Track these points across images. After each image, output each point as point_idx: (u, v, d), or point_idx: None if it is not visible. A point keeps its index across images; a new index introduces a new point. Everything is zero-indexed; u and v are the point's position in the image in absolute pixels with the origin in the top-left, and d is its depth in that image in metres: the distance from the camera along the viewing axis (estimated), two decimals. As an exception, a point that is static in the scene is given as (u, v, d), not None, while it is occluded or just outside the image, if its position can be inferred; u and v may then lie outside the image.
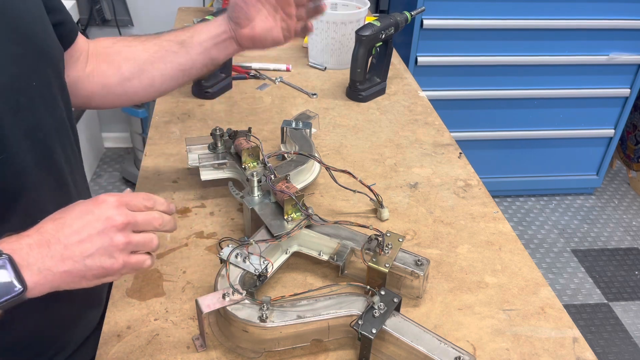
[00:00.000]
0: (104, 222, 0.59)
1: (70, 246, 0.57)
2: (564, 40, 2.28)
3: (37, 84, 0.68)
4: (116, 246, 0.59)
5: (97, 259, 0.58)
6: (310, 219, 0.83)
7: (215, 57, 0.89)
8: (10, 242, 0.56)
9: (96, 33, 2.53)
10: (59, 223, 0.58)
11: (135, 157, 2.59)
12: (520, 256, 0.92)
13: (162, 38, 0.90)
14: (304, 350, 0.74)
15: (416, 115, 1.33)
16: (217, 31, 0.88)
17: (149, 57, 0.89)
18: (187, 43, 0.89)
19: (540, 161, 2.62)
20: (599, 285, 2.27)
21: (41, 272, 0.55)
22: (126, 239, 0.60)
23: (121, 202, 0.61)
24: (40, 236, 0.57)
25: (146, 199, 0.64)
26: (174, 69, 0.89)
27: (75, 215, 0.59)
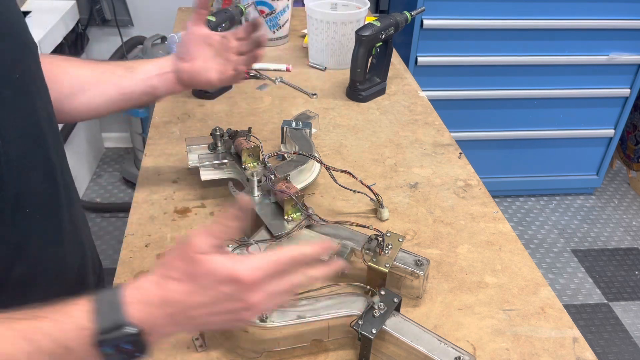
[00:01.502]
0: (234, 303, 0.55)
1: (195, 317, 0.56)
2: (564, 40, 2.28)
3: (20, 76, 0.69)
4: (241, 319, 0.58)
5: (220, 325, 0.58)
6: (310, 219, 0.83)
7: (155, 85, 0.91)
8: (137, 303, 0.54)
9: (96, 33, 2.54)
10: (187, 297, 0.55)
11: (135, 157, 2.59)
12: (520, 256, 0.92)
13: (111, 63, 0.94)
14: (304, 350, 0.74)
15: (416, 115, 1.33)
16: (162, 64, 0.92)
17: (93, 77, 0.90)
18: (133, 69, 0.92)
19: (540, 161, 2.62)
20: (599, 285, 2.27)
21: (160, 336, 0.55)
22: (255, 311, 0.57)
23: (259, 279, 0.55)
24: (166, 306, 0.54)
25: (292, 264, 0.57)
26: (115, 91, 0.91)
27: (203, 288, 0.55)
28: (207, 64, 0.92)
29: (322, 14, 1.47)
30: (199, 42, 0.91)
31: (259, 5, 1.59)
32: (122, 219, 2.44)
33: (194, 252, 0.56)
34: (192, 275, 0.55)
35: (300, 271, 0.58)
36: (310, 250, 0.58)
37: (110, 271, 0.88)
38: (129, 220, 0.96)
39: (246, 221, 0.61)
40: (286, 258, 0.57)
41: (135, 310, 0.53)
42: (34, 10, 2.13)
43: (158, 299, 0.54)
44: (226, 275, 0.55)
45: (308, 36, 1.57)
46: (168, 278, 0.56)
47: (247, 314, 0.57)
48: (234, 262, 0.55)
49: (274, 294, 0.57)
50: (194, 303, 0.55)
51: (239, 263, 0.55)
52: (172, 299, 0.55)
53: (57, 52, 2.14)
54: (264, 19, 1.61)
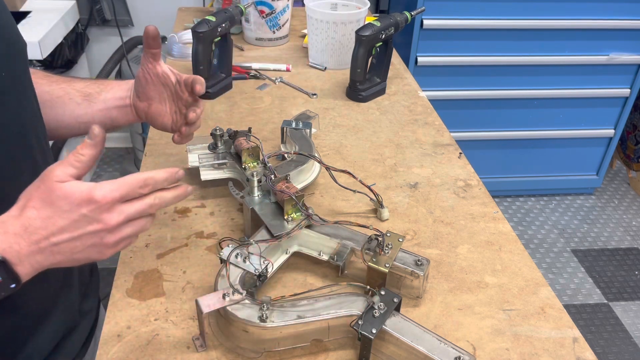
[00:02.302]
0: (95, 224, 0.59)
1: (59, 244, 0.59)
2: (564, 40, 2.28)
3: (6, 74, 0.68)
4: (106, 245, 0.61)
5: (86, 254, 0.61)
6: (310, 219, 0.83)
7: (115, 118, 0.88)
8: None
9: (96, 33, 2.54)
10: (47, 221, 0.58)
11: (135, 157, 2.59)
12: (520, 256, 0.92)
13: (71, 84, 0.88)
14: (304, 350, 0.74)
15: (416, 115, 1.33)
16: (122, 94, 0.88)
17: (50, 100, 0.86)
18: (92, 97, 0.87)
19: (540, 161, 2.62)
20: (599, 285, 2.27)
21: (32, 266, 0.58)
22: (116, 236, 0.61)
23: (115, 200, 0.60)
24: (28, 234, 0.57)
25: (142, 186, 0.62)
26: (71, 118, 0.87)
27: (64, 212, 0.58)
28: (162, 106, 0.88)
29: (322, 14, 1.47)
30: (155, 82, 0.86)
31: (259, 5, 1.59)
32: (122, 219, 2.43)
33: (51, 180, 0.59)
34: (50, 201, 0.58)
35: (153, 193, 0.63)
36: (160, 174, 0.63)
37: (110, 271, 0.88)
38: (129, 220, 0.95)
39: (101, 151, 0.63)
40: (138, 180, 0.61)
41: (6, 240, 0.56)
42: (34, 10, 2.13)
43: (19, 228, 0.57)
44: (81, 197, 0.58)
45: (308, 36, 1.57)
46: (27, 207, 0.58)
47: (110, 237, 0.60)
48: (89, 185, 0.59)
49: (132, 215, 0.61)
50: (54, 228, 0.58)
51: (93, 186, 0.59)
52: (32, 226, 0.58)
53: (57, 52, 2.14)
54: (264, 19, 1.61)
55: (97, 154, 0.62)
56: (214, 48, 1.32)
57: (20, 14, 2.09)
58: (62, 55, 2.18)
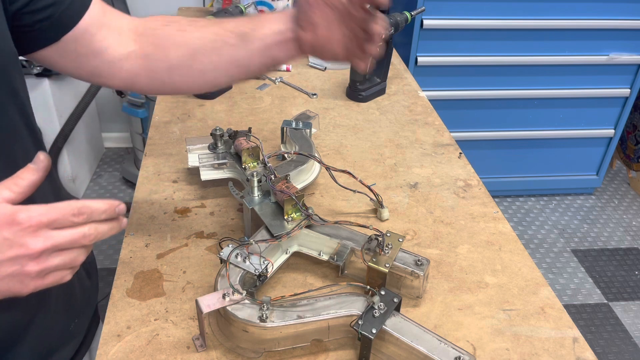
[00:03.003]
0: (16, 249, 0.53)
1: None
2: (564, 40, 2.28)
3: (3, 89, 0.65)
4: (28, 274, 0.54)
5: (5, 284, 0.54)
6: (310, 219, 0.83)
7: (276, 56, 0.79)
8: None
9: (96, 33, 2.53)
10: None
11: (135, 157, 2.59)
12: (520, 256, 0.92)
13: (221, 26, 0.79)
14: (304, 350, 0.74)
15: (416, 115, 1.33)
16: (281, 27, 0.76)
17: (203, 46, 0.79)
18: (248, 36, 0.77)
19: (540, 161, 2.62)
20: (599, 285, 2.27)
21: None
22: (40, 266, 0.54)
23: (41, 223, 0.53)
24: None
25: (76, 214, 0.55)
26: (229, 63, 0.79)
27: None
28: (331, 33, 0.75)
29: (322, 14, 1.46)
30: (320, 3, 0.74)
31: (259, 5, 1.59)
32: (122, 219, 2.44)
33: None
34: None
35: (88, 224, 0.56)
36: (98, 204, 0.57)
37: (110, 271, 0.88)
38: (129, 220, 0.96)
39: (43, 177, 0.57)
40: (72, 207, 0.55)
41: None
42: (34, 10, 2.13)
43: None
44: (4, 218, 0.52)
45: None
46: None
47: (33, 266, 0.54)
48: (14, 207, 0.53)
49: (60, 243, 0.55)
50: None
51: (19, 208, 0.53)
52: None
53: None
54: (264, 19, 1.61)
55: (38, 180, 0.56)
56: (214, 48, 1.32)
57: (20, 14, 2.09)
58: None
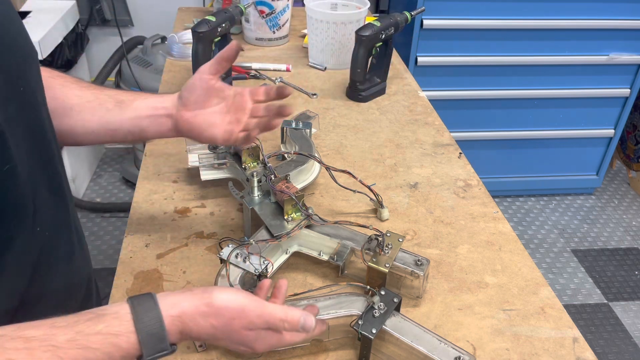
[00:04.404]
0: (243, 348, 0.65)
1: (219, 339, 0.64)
2: (564, 40, 2.28)
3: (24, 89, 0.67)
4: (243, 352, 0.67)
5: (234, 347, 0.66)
6: (310, 219, 0.83)
7: (145, 128, 0.81)
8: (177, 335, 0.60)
9: (96, 33, 2.54)
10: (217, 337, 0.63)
11: (135, 157, 2.59)
12: (520, 256, 0.92)
13: (103, 91, 0.83)
14: (304, 350, 0.74)
15: (416, 115, 1.33)
16: (158, 104, 0.81)
17: (78, 104, 0.81)
18: (124, 104, 0.81)
19: (540, 161, 2.62)
20: (599, 285, 2.27)
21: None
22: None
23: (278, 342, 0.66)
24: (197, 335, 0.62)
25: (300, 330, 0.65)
26: (99, 124, 0.81)
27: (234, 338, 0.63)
28: (213, 118, 0.80)
29: (322, 14, 1.47)
30: (210, 91, 0.80)
31: (259, 5, 1.59)
32: (122, 219, 2.44)
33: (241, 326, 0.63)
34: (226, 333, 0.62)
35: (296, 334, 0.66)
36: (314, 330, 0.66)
37: (110, 271, 0.88)
38: (129, 220, 0.96)
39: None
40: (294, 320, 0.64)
41: (173, 337, 0.60)
42: (34, 10, 2.13)
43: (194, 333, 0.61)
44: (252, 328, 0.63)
45: (308, 36, 1.57)
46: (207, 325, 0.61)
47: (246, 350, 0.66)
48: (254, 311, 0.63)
49: (270, 345, 0.66)
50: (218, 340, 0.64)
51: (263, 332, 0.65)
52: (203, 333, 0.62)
53: (57, 52, 2.14)
54: (264, 19, 1.61)
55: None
56: (214, 48, 1.32)
57: (20, 14, 2.09)
58: (62, 55, 2.18)
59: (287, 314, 0.64)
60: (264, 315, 0.63)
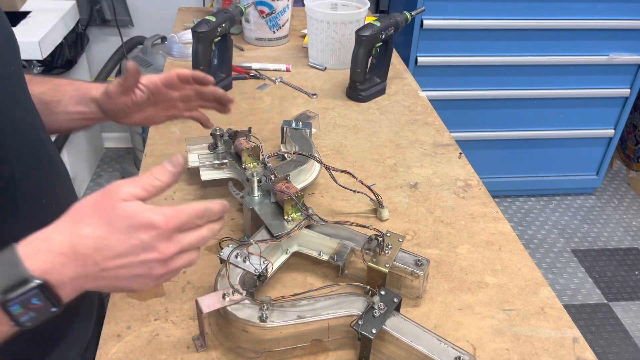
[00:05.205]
0: (150, 253, 0.54)
1: (108, 269, 0.53)
2: (564, 40, 2.28)
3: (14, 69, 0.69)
4: (153, 276, 0.56)
5: (129, 283, 0.56)
6: (310, 219, 0.83)
7: (86, 125, 0.87)
8: (41, 254, 0.51)
9: (96, 33, 2.54)
10: (101, 242, 0.52)
11: (135, 157, 2.59)
12: (520, 256, 0.92)
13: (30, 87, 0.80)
14: (304, 350, 0.74)
15: (416, 115, 1.33)
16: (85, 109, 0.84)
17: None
18: (52, 106, 0.83)
19: (540, 161, 2.62)
20: (599, 285, 2.27)
21: (74, 289, 0.53)
22: (165, 269, 0.56)
23: (173, 225, 0.55)
24: (76, 255, 0.52)
25: (200, 216, 0.57)
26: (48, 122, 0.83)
27: (121, 234, 0.53)
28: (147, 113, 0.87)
29: (322, 14, 1.47)
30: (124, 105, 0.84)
31: (259, 5, 1.59)
32: (122, 219, 2.43)
33: (115, 197, 0.53)
34: (108, 219, 0.53)
35: (205, 225, 0.58)
36: (216, 205, 0.59)
37: (110, 271, 0.88)
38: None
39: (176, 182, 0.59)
40: (197, 210, 0.57)
41: (39, 262, 0.50)
42: (34, 10, 2.13)
43: (66, 247, 0.52)
44: (143, 220, 0.53)
45: (308, 36, 1.57)
46: (80, 222, 0.53)
47: (159, 269, 0.55)
48: (152, 209, 0.54)
49: (185, 246, 0.56)
50: (107, 252, 0.52)
51: (155, 210, 0.54)
52: (83, 245, 0.52)
53: (57, 52, 2.14)
54: (264, 19, 1.61)
55: (172, 183, 0.58)
56: (214, 48, 1.32)
57: (20, 14, 2.09)
58: (62, 55, 2.18)
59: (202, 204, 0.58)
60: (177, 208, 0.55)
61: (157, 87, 0.85)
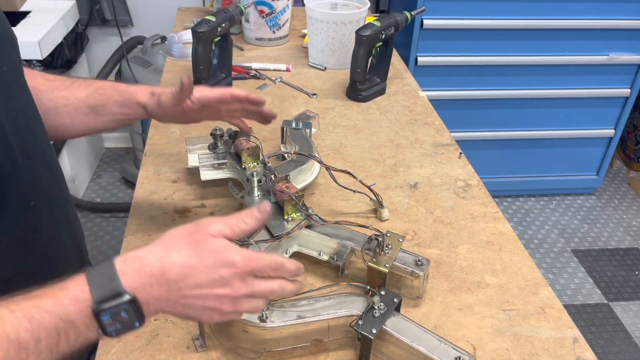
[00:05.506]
0: (225, 287, 0.58)
1: (187, 297, 0.57)
2: (564, 40, 2.28)
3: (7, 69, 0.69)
4: (221, 311, 0.59)
5: (199, 314, 0.59)
6: (310, 219, 0.83)
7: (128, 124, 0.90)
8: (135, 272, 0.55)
9: (96, 33, 2.53)
10: (187, 270, 0.56)
11: (135, 157, 2.58)
12: (520, 256, 0.92)
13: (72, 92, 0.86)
14: (304, 350, 0.74)
15: (416, 115, 1.33)
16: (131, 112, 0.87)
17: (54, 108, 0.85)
18: (98, 109, 0.86)
19: (540, 161, 2.62)
20: (599, 285, 2.27)
21: (155, 309, 0.57)
22: (234, 307, 0.59)
23: (250, 268, 0.59)
24: (164, 278, 0.56)
25: (274, 268, 0.61)
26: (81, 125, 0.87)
27: (205, 267, 0.57)
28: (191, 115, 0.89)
29: (322, 14, 1.47)
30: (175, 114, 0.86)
31: (259, 5, 1.59)
32: (122, 219, 2.44)
33: (205, 231, 0.58)
34: (197, 250, 0.57)
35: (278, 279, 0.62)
36: (291, 265, 0.62)
37: (110, 271, 0.88)
38: (129, 220, 0.96)
39: (261, 227, 0.62)
40: (274, 262, 0.61)
41: (131, 279, 0.54)
42: (34, 10, 2.13)
43: (157, 270, 0.55)
44: (227, 259, 0.57)
45: (308, 36, 1.57)
46: (172, 249, 0.57)
47: (228, 306, 0.59)
48: (236, 249, 0.59)
49: (256, 292, 0.60)
50: (191, 281, 0.56)
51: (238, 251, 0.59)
52: (172, 270, 0.56)
53: (57, 52, 2.14)
54: (264, 19, 1.61)
55: (257, 228, 0.63)
56: (214, 48, 1.32)
57: (20, 14, 2.09)
58: (62, 55, 2.18)
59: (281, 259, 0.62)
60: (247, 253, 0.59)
61: (209, 102, 0.87)
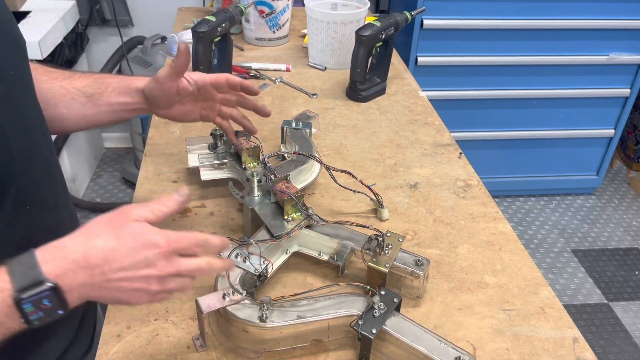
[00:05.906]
0: (150, 269, 0.58)
1: (112, 280, 0.58)
2: (564, 40, 2.28)
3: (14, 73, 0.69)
4: (148, 292, 0.60)
5: (128, 296, 0.59)
6: (310, 219, 0.83)
7: (123, 117, 0.89)
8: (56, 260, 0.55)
9: (96, 33, 2.54)
10: (110, 254, 0.57)
11: (135, 157, 2.59)
12: (520, 256, 0.92)
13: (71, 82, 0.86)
14: (304, 350, 0.74)
15: (416, 115, 1.33)
16: (129, 100, 0.87)
17: (52, 98, 0.85)
18: (95, 98, 0.86)
19: (540, 161, 2.62)
20: (599, 285, 2.27)
21: (80, 295, 0.57)
22: (161, 287, 0.60)
23: (174, 247, 0.59)
24: (87, 263, 0.56)
25: (199, 245, 0.61)
26: (77, 116, 0.87)
27: (128, 250, 0.58)
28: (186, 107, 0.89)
29: (322, 14, 1.47)
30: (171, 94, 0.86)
31: (259, 5, 1.59)
32: (122, 219, 2.43)
33: (127, 216, 0.60)
34: (118, 234, 0.58)
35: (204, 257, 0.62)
36: (216, 240, 0.63)
37: (110, 271, 0.88)
38: (129, 220, 0.95)
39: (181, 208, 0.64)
40: (198, 239, 0.61)
41: (52, 267, 0.55)
42: (34, 10, 2.13)
43: (80, 256, 0.56)
44: (149, 240, 0.58)
45: (308, 36, 1.57)
46: (94, 235, 0.58)
47: (155, 285, 0.59)
48: (157, 231, 0.59)
49: (182, 270, 0.60)
50: (114, 264, 0.57)
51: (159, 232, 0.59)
52: (94, 255, 0.57)
53: (57, 52, 2.14)
54: (264, 19, 1.61)
55: (177, 210, 0.63)
56: (214, 48, 1.32)
57: (20, 14, 2.09)
58: (62, 55, 2.18)
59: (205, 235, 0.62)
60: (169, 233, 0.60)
61: (205, 84, 0.88)
